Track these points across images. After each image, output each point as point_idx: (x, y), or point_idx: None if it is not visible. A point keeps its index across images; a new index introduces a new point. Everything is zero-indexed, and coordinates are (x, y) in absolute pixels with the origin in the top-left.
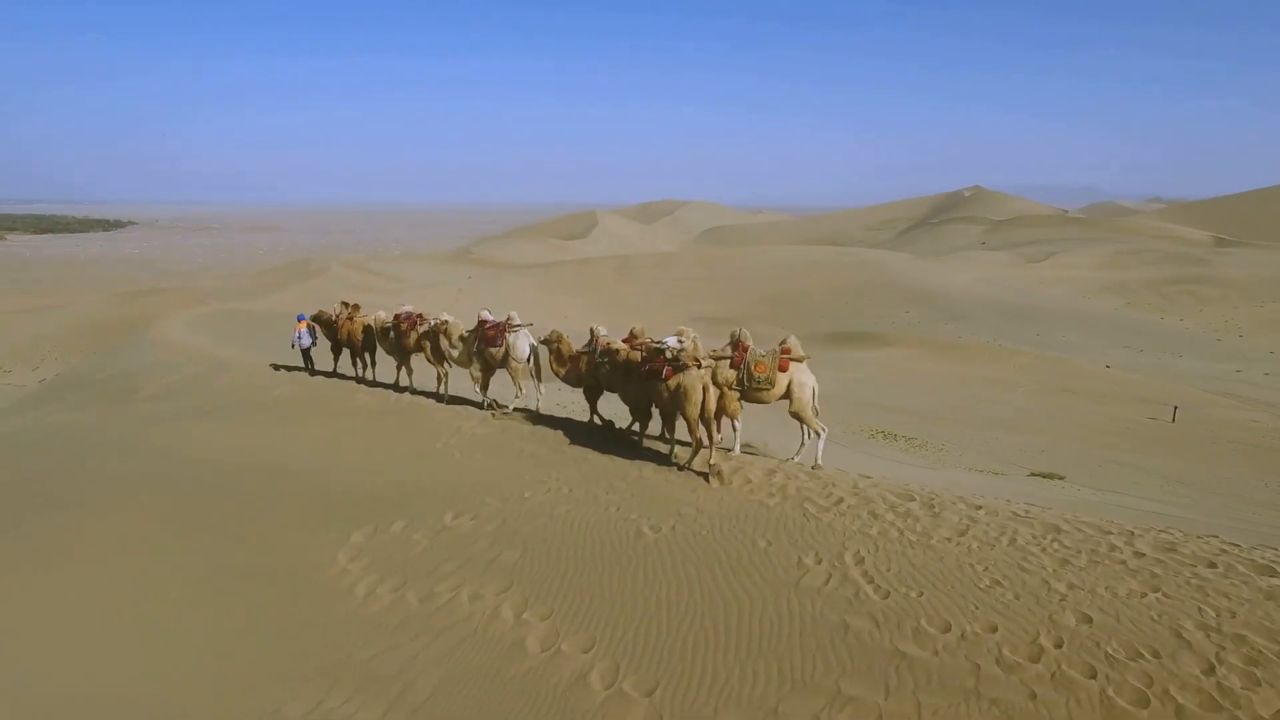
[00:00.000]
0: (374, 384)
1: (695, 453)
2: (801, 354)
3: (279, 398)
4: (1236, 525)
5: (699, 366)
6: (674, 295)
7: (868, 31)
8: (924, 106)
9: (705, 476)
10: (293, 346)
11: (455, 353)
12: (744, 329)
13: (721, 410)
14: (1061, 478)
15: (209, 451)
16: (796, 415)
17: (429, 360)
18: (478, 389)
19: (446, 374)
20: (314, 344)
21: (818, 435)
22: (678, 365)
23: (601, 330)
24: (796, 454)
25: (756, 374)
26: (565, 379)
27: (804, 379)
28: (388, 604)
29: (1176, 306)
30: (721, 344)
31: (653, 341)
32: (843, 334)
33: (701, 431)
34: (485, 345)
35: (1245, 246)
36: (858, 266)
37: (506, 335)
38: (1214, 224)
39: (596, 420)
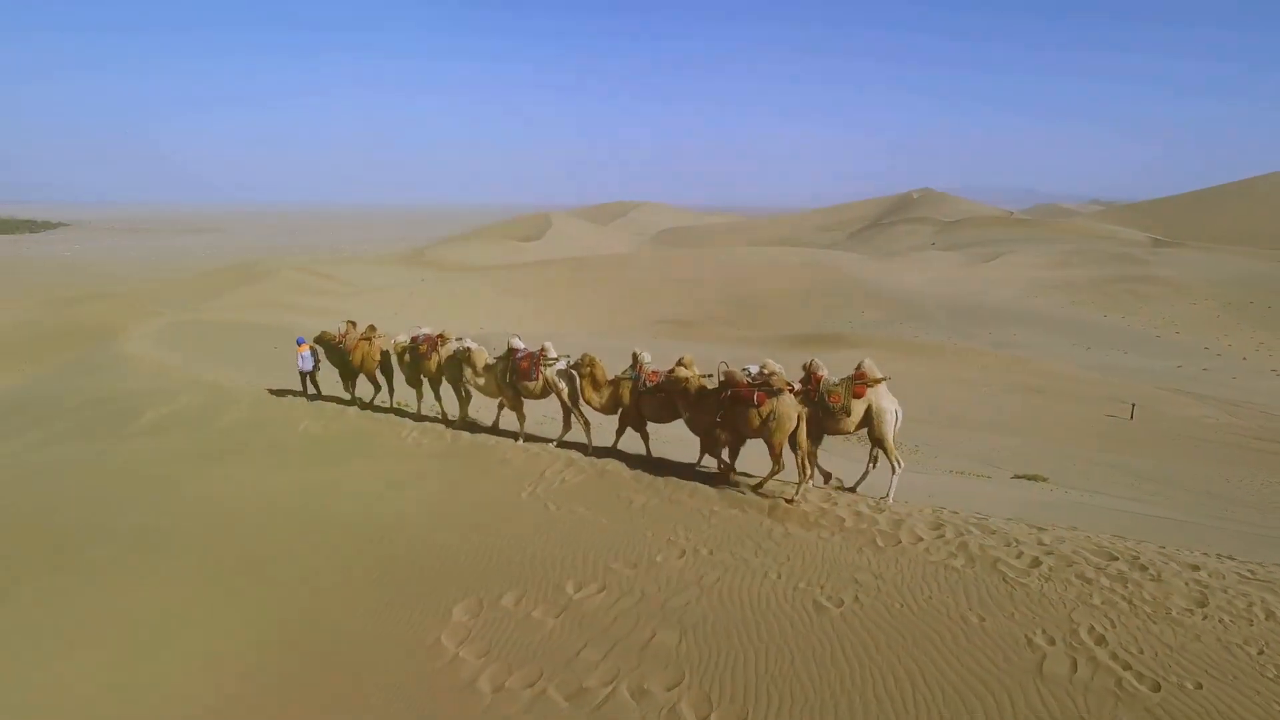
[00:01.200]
0: (419, 417)
1: (769, 478)
2: (878, 376)
3: (311, 435)
4: (1246, 531)
5: (792, 391)
6: (634, 297)
7: (810, 35)
8: (871, 109)
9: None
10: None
11: (480, 381)
12: (816, 359)
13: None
14: (1045, 479)
15: (244, 500)
16: (877, 442)
17: (450, 384)
18: (517, 418)
19: (467, 400)
20: (317, 367)
21: (894, 469)
22: (771, 390)
23: (646, 356)
24: (857, 483)
25: (831, 404)
26: (600, 408)
27: (884, 404)
28: (526, 704)
29: (1119, 305)
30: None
31: (726, 367)
32: (809, 336)
33: (789, 458)
34: (519, 378)
35: (1179, 247)
36: (814, 267)
37: (543, 369)
38: (1150, 225)
39: (608, 444)
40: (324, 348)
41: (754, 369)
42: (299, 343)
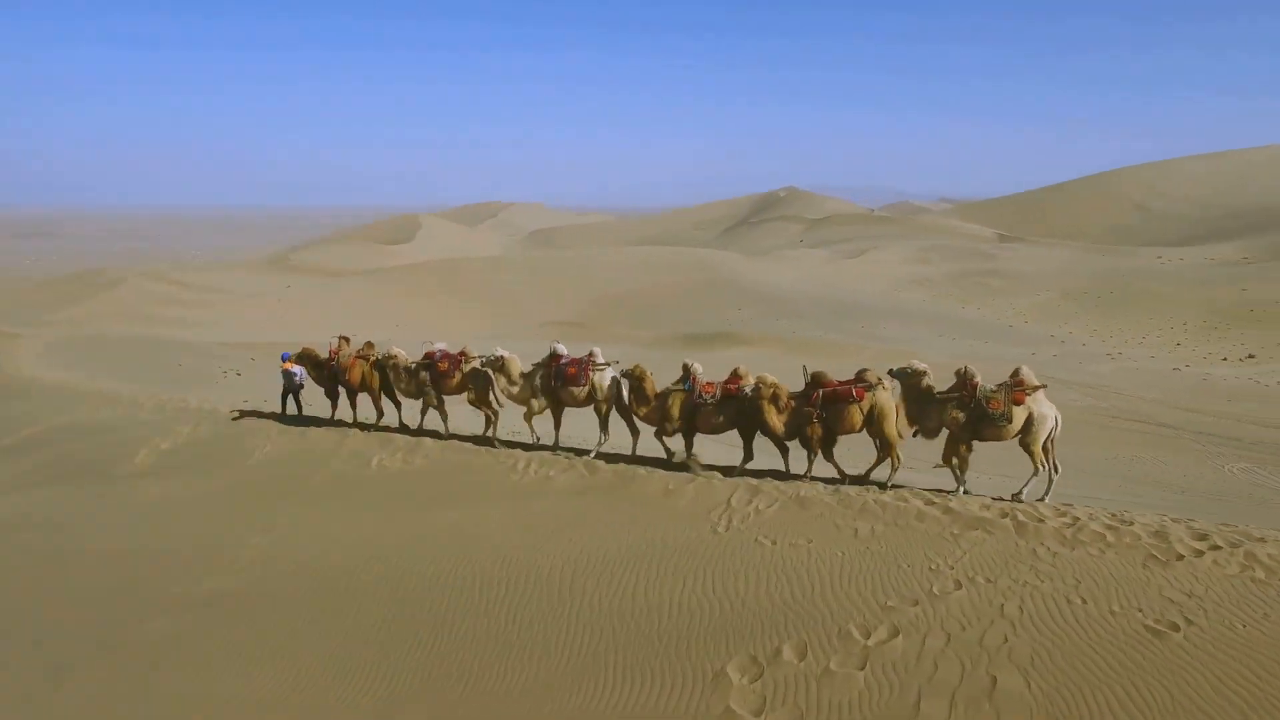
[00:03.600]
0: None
1: (894, 470)
2: (1036, 383)
3: (391, 472)
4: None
5: (882, 385)
6: (514, 299)
7: (671, 37)
8: (730, 108)
9: (883, 486)
10: (289, 392)
11: (515, 390)
12: (969, 365)
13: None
14: None
15: (339, 552)
16: (1025, 447)
17: (471, 402)
18: (531, 425)
19: (495, 416)
20: (302, 386)
21: (1035, 472)
22: (868, 385)
23: (697, 367)
24: (1046, 494)
25: (991, 411)
26: (645, 419)
27: (1045, 410)
28: None
29: (973, 297)
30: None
31: (810, 368)
32: (698, 335)
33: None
34: (564, 384)
35: (1021, 242)
36: (689, 266)
37: (591, 374)
38: (994, 221)
39: (680, 455)
40: (309, 366)
41: (895, 369)
42: (284, 359)
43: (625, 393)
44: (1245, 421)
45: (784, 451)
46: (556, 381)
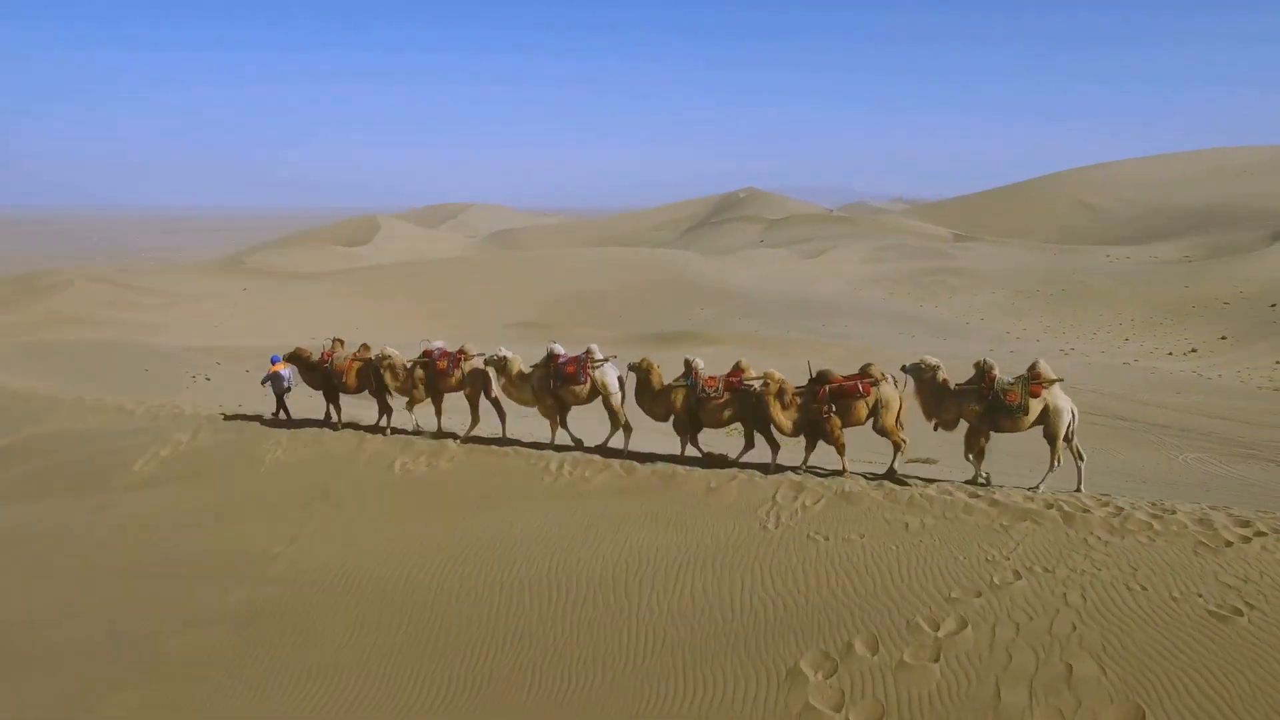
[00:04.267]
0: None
1: (899, 455)
2: (1052, 376)
3: (416, 476)
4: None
5: (885, 379)
6: (477, 300)
7: (630, 40)
8: (691, 110)
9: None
10: (264, 384)
11: (514, 391)
12: (987, 358)
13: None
14: (935, 462)
15: (379, 562)
16: (1049, 440)
17: (468, 399)
18: (553, 428)
19: (504, 415)
20: (289, 389)
21: (1052, 467)
22: (873, 380)
23: (699, 363)
24: (1042, 483)
25: (1009, 403)
26: (649, 412)
27: (1061, 404)
28: None
29: (931, 295)
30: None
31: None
32: (662, 334)
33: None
34: (564, 383)
35: (977, 241)
36: (651, 265)
37: (591, 371)
38: (949, 222)
39: (696, 452)
40: (300, 367)
41: (908, 365)
42: (273, 360)
43: (624, 384)
44: (1193, 413)
45: (753, 440)
46: (556, 381)
